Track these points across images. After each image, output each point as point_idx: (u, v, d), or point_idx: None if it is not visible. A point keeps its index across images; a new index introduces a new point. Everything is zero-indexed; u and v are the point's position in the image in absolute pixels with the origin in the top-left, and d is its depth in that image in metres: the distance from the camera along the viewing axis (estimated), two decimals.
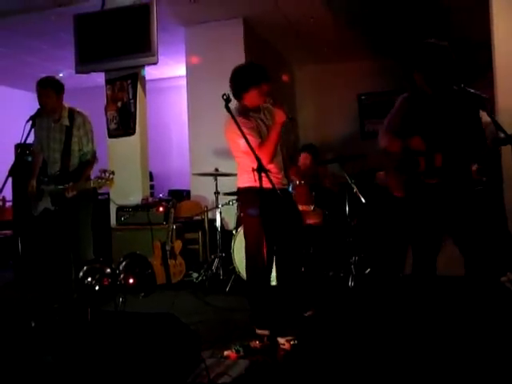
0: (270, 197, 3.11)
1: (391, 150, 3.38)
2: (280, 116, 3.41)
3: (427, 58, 3.13)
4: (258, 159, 2.89)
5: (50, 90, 4.03)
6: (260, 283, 3.52)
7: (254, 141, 3.29)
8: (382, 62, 8.16)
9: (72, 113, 4.13)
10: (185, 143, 7.07)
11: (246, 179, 3.47)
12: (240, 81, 3.56)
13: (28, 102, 6.96)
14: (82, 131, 4.12)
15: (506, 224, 4.77)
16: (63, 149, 4.09)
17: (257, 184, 2.91)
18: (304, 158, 5.93)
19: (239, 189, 3.65)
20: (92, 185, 3.83)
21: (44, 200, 4.10)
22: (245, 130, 3.15)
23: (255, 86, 3.51)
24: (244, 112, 3.55)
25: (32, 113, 3.93)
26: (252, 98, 3.54)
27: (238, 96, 3.58)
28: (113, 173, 3.76)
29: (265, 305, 3.44)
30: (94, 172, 4.06)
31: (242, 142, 3.06)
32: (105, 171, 3.76)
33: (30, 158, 5.07)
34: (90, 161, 4.16)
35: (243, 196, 3.65)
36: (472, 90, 3.13)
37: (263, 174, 2.88)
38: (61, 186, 3.94)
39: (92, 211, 4.25)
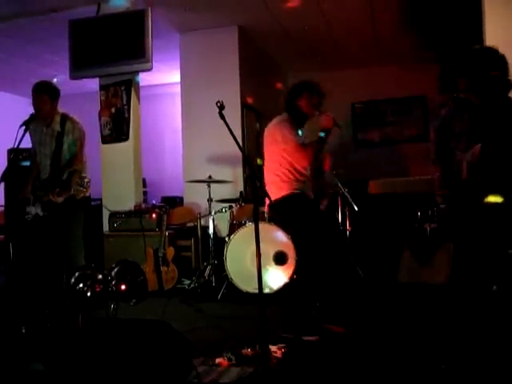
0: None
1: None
2: (325, 120, 3.65)
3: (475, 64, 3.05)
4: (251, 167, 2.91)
5: (45, 95, 4.03)
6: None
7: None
8: (377, 70, 8.22)
9: (64, 119, 4.12)
10: (178, 150, 7.08)
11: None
12: (295, 88, 3.89)
13: (22, 107, 6.94)
14: (71, 138, 4.09)
15: None
16: (53, 154, 4.08)
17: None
18: None
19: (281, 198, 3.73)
20: (72, 192, 3.88)
21: (36, 206, 4.09)
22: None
23: (308, 92, 3.84)
24: (290, 122, 3.78)
25: (25, 117, 3.92)
26: (304, 103, 3.82)
27: (290, 105, 3.84)
28: (88, 181, 3.99)
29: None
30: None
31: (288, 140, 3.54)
32: (83, 178, 3.88)
33: (23, 163, 5.07)
34: (76, 169, 4.12)
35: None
36: None
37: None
38: (49, 192, 3.93)
39: (83, 218, 4.23)
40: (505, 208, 2.95)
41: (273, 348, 3.17)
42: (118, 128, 6.24)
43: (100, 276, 3.45)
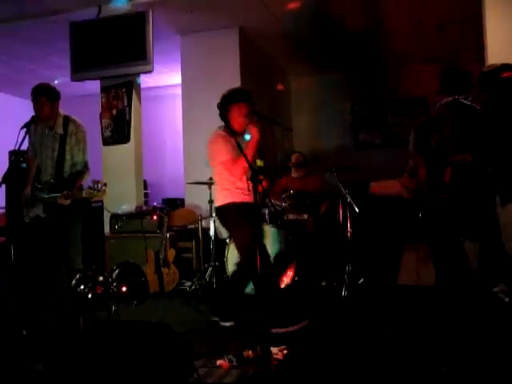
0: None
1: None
2: (254, 132, 3.64)
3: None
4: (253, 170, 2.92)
5: (43, 99, 4.02)
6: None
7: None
8: (378, 71, 8.23)
9: (67, 121, 4.12)
10: (179, 152, 7.08)
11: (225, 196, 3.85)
12: (224, 100, 3.83)
13: (23, 109, 6.95)
14: (74, 140, 4.10)
15: (499, 233, 4.78)
16: (56, 157, 4.08)
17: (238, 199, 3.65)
18: (295, 158, 6.02)
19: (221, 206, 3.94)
20: (84, 195, 3.81)
21: (36, 207, 4.08)
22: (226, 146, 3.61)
23: (235, 103, 3.76)
24: (227, 131, 3.80)
25: (26, 119, 3.92)
26: (234, 116, 3.78)
27: (223, 116, 3.83)
28: (105, 184, 3.77)
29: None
30: (87, 182, 4.04)
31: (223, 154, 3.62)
32: (97, 182, 3.78)
33: (23, 165, 5.05)
34: (80, 171, 4.12)
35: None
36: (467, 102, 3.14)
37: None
38: (55, 194, 3.91)
39: (83, 220, 4.22)
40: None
41: (274, 350, 3.17)
42: (119, 130, 6.25)
43: (101, 278, 3.45)
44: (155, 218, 5.78)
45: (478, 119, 3.18)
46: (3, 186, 3.81)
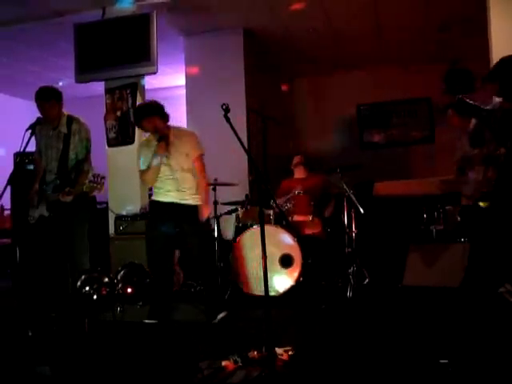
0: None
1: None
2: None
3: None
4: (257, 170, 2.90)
5: (53, 101, 4.05)
6: None
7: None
8: (382, 71, 8.22)
9: (70, 120, 4.14)
10: None
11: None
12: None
13: (28, 111, 6.97)
14: (77, 138, 4.12)
15: None
16: (60, 157, 4.10)
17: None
18: (297, 159, 6.01)
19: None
20: (84, 189, 3.81)
21: (40, 207, 4.10)
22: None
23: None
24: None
25: (31, 121, 3.94)
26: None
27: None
28: (103, 177, 3.84)
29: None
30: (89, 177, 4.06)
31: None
32: (97, 175, 3.82)
33: (29, 167, 5.07)
34: (83, 170, 4.14)
35: None
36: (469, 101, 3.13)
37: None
38: (56, 193, 3.93)
39: (89, 220, 4.24)
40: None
41: (279, 351, 3.17)
42: (123, 131, 6.25)
43: (106, 279, 3.46)
44: None
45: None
46: (9, 188, 3.81)
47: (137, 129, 6.20)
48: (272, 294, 3.92)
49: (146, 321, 3.76)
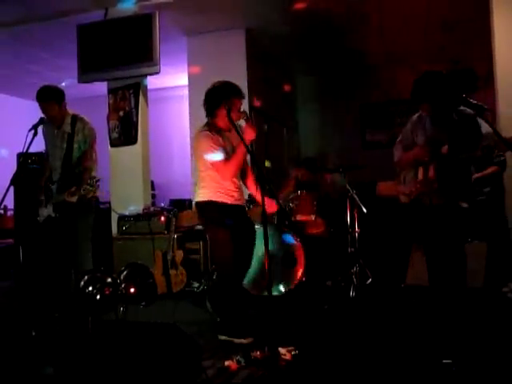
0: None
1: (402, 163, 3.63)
2: (249, 133, 3.46)
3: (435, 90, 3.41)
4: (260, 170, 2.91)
5: (52, 102, 4.05)
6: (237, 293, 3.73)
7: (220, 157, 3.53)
8: (385, 71, 8.20)
9: (75, 119, 4.14)
10: (186, 152, 7.07)
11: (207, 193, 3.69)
12: (212, 97, 3.69)
13: (30, 111, 6.98)
14: (81, 136, 4.13)
15: (508, 234, 4.77)
16: (64, 156, 4.10)
17: (219, 199, 3.60)
18: (296, 172, 6.01)
19: (199, 203, 3.77)
20: (82, 192, 3.83)
21: (49, 207, 4.11)
22: (214, 146, 3.50)
23: (226, 100, 3.59)
24: (215, 129, 3.67)
25: (35, 121, 3.95)
26: (223, 115, 3.58)
27: (210, 113, 3.72)
28: (98, 180, 3.89)
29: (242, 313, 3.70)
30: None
31: (210, 156, 3.45)
32: (93, 178, 3.85)
33: (32, 167, 5.08)
34: (87, 168, 4.13)
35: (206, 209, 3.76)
36: (473, 101, 3.15)
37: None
38: (62, 193, 3.94)
39: (92, 222, 4.24)
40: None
41: (282, 350, 3.17)
42: (126, 131, 6.27)
43: (109, 279, 3.46)
44: (163, 219, 5.78)
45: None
46: (12, 188, 3.82)
47: (139, 129, 6.22)
48: (275, 293, 3.91)
49: None
